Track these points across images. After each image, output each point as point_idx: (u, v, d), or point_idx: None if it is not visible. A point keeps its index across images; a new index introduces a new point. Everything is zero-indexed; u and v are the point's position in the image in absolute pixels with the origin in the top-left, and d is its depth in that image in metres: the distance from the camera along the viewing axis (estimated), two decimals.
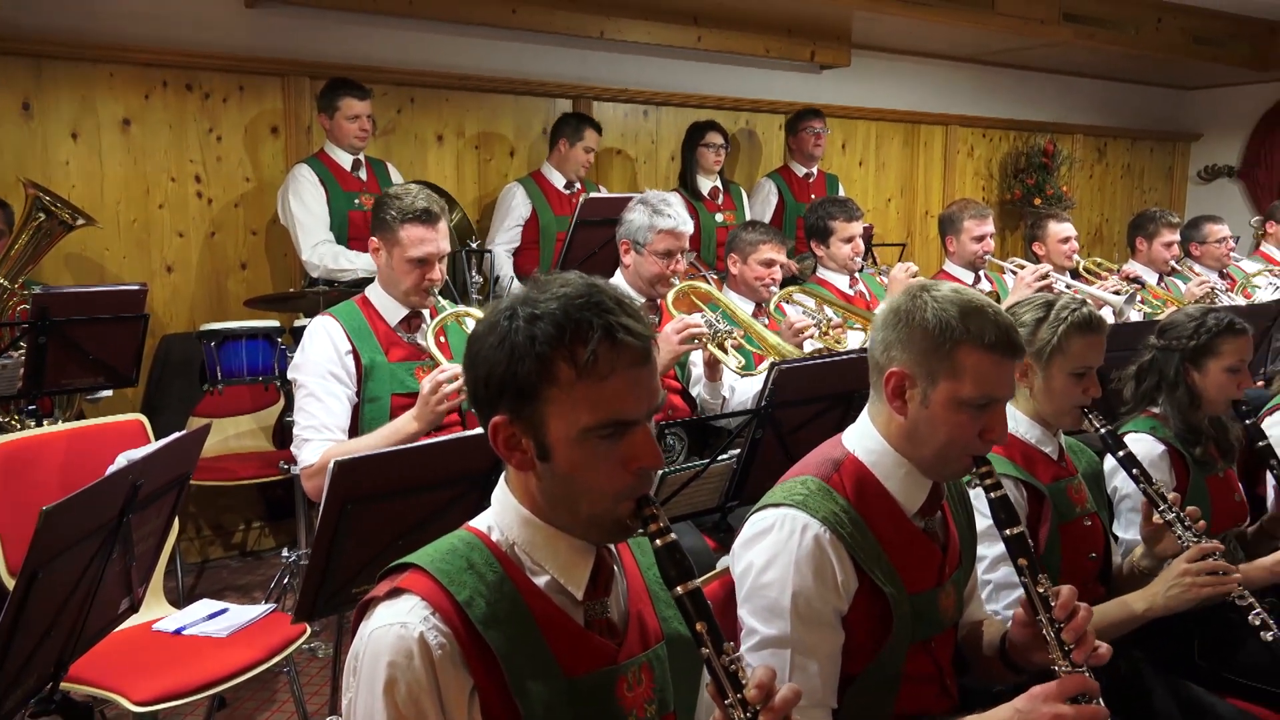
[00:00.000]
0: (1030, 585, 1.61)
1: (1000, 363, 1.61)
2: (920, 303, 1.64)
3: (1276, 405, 2.94)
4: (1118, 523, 2.51)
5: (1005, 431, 1.66)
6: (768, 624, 1.61)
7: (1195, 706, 2.19)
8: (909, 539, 1.69)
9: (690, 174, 5.47)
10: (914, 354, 1.63)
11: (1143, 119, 8.59)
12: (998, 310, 1.64)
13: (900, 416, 1.67)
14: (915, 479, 1.69)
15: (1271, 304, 3.94)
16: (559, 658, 1.28)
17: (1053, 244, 4.89)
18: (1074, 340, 2.18)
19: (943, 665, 1.77)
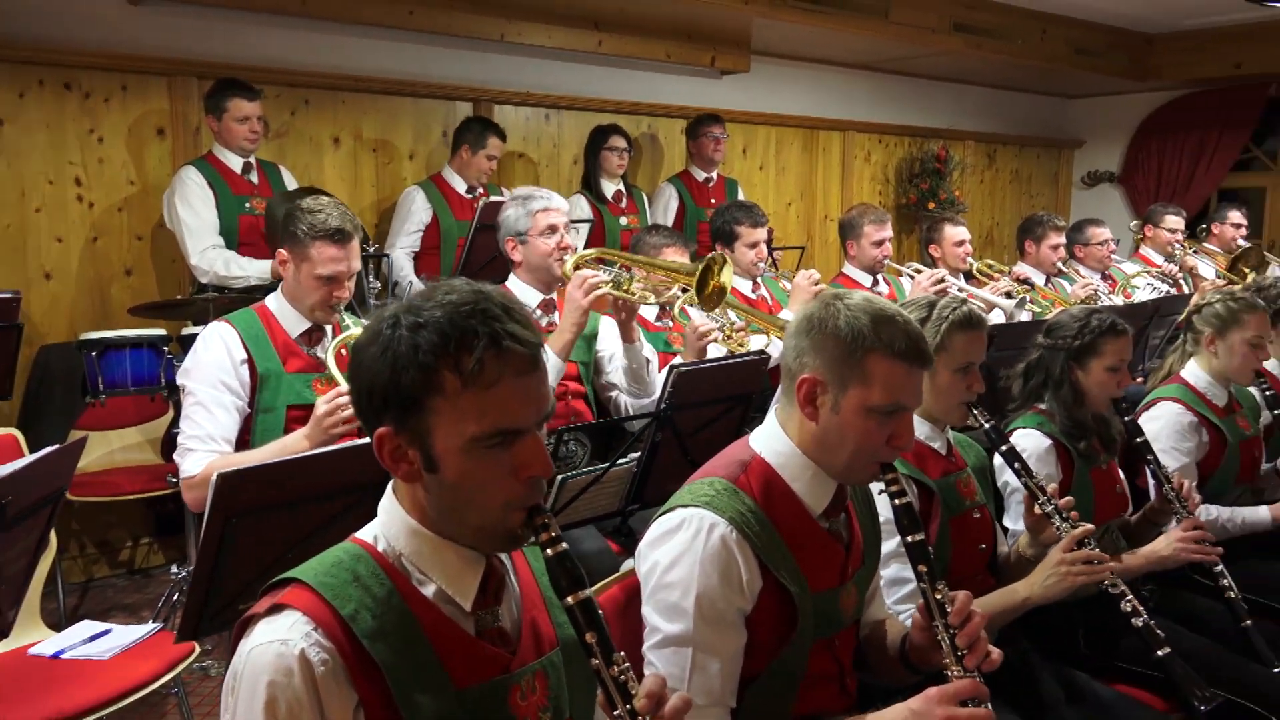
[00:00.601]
0: (928, 591, 1.64)
1: (910, 371, 1.64)
2: (833, 311, 1.66)
3: (1151, 401, 3.07)
4: (1007, 515, 2.58)
5: (913, 439, 1.69)
6: (670, 622, 1.61)
7: (1080, 692, 2.27)
8: (814, 539, 1.71)
9: (593, 177, 5.46)
10: (826, 361, 1.65)
11: (1030, 126, 8.91)
12: (908, 320, 1.67)
13: (811, 422, 1.69)
14: (821, 480, 1.71)
15: (1149, 304, 4.11)
16: (449, 669, 1.25)
17: (948, 247, 5.03)
18: (956, 337, 2.24)
19: (844, 664, 1.80)
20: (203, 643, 2.55)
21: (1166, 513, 2.62)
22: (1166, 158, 8.69)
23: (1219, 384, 3.09)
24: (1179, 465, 2.91)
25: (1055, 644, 2.46)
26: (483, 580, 1.32)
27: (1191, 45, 7.80)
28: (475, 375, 1.20)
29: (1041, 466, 2.55)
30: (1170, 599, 2.72)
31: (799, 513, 1.69)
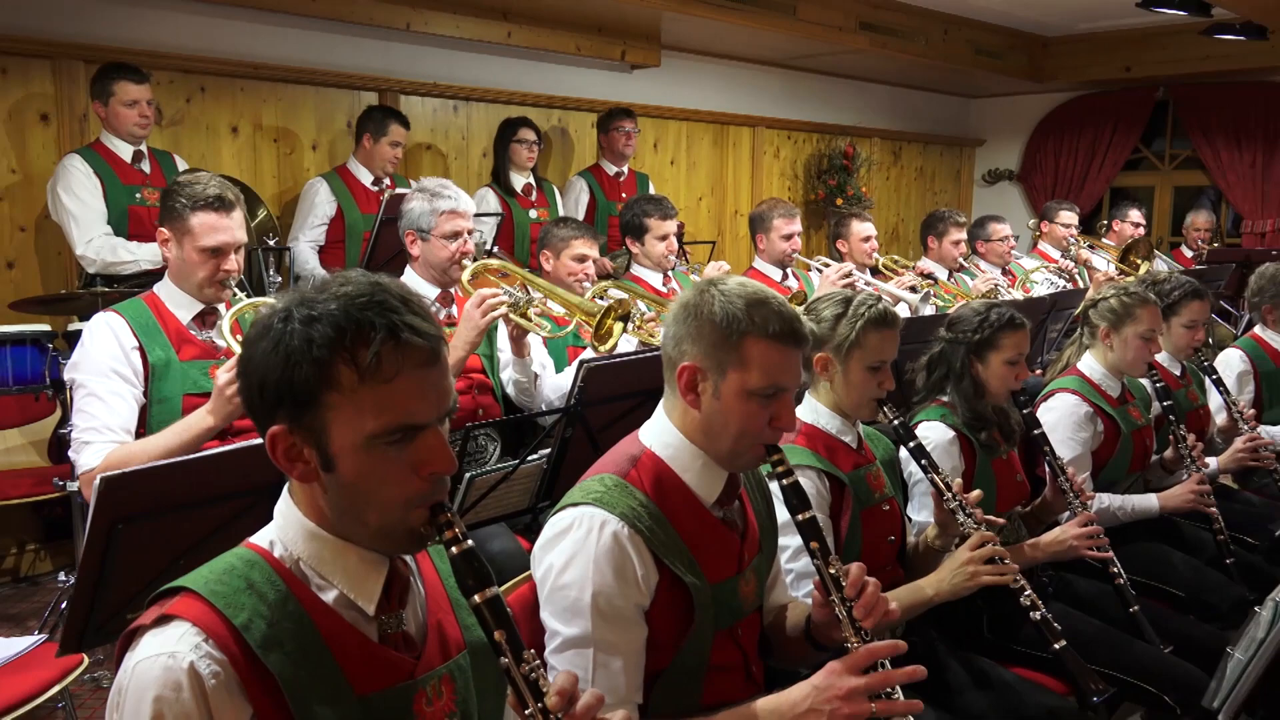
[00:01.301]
0: (822, 567, 1.66)
1: (785, 352, 1.65)
2: (708, 297, 1.67)
3: (1049, 393, 3.16)
4: (912, 505, 2.63)
5: (794, 419, 1.70)
6: (569, 624, 1.60)
7: (984, 677, 2.32)
8: (708, 529, 1.71)
9: (503, 170, 5.40)
10: (703, 347, 1.66)
11: (933, 125, 9.12)
12: (782, 302, 1.68)
13: (694, 410, 1.69)
14: (712, 470, 1.72)
15: (1047, 298, 4.24)
16: (349, 676, 1.21)
17: (855, 242, 5.11)
18: (870, 335, 2.26)
19: (748, 652, 1.80)
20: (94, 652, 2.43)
21: (1062, 503, 2.70)
22: (1062, 157, 9.00)
23: (1113, 376, 3.19)
24: (1075, 455, 3.00)
25: (960, 631, 2.52)
26: (386, 583, 1.28)
27: (1085, 48, 8.08)
28: (373, 369, 1.16)
29: (945, 458, 2.60)
30: (1066, 584, 2.81)
31: (691, 504, 1.69)
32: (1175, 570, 2.98)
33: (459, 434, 2.51)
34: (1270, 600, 1.90)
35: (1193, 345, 3.56)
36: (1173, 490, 3.09)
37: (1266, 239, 8.01)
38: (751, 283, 1.70)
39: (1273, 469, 3.47)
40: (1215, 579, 2.97)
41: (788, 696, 1.57)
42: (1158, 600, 2.90)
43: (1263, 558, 3.21)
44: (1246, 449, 3.39)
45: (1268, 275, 4.08)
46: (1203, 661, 2.45)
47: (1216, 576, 2.98)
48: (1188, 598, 2.90)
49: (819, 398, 2.35)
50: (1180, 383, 3.62)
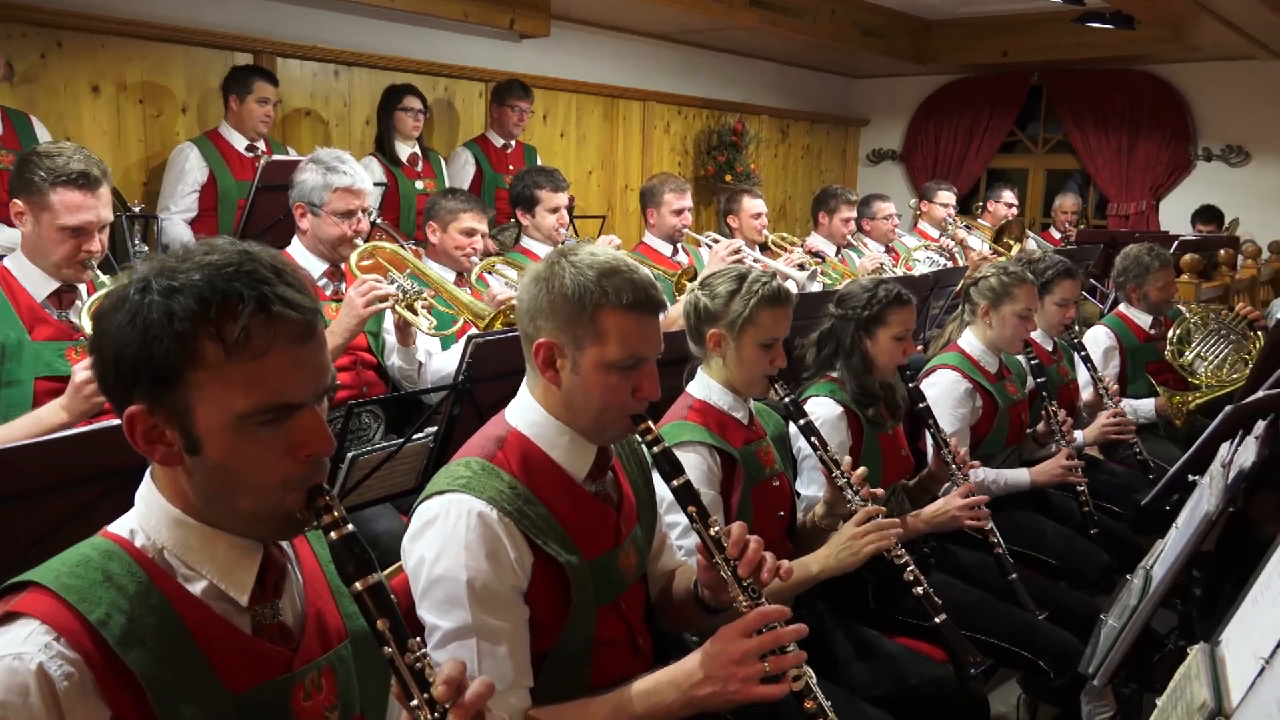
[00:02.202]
0: (702, 530, 1.64)
1: (642, 321, 1.63)
2: (559, 270, 1.63)
3: (931, 369, 3.24)
4: (801, 480, 2.65)
5: (657, 387, 1.67)
6: (448, 616, 1.55)
7: (869, 648, 2.37)
8: (581, 505, 1.69)
9: (387, 139, 5.23)
10: (559, 322, 1.62)
11: (820, 103, 9.25)
12: (634, 268, 1.65)
13: (555, 386, 1.66)
14: (580, 445, 1.69)
15: (929, 275, 4.33)
16: (221, 672, 1.14)
17: (745, 219, 5.14)
18: (764, 312, 2.26)
19: (634, 625, 1.79)
20: None
21: (944, 475, 2.76)
22: (942, 138, 9.25)
23: (991, 352, 3.29)
24: (956, 429, 3.08)
25: (846, 602, 2.56)
26: (260, 572, 1.20)
27: (965, 32, 8.31)
28: (241, 344, 1.08)
29: (833, 433, 2.63)
30: (949, 555, 2.89)
31: (562, 481, 1.67)
32: (1047, 539, 3.10)
33: (341, 411, 2.41)
34: (1141, 568, 1.98)
35: (1064, 322, 3.70)
36: (1043, 465, 3.21)
37: (1131, 221, 8.41)
38: (603, 251, 1.67)
39: (1134, 442, 3.64)
40: (1085, 547, 3.10)
41: (682, 667, 1.55)
42: (1032, 568, 3.01)
43: (1127, 526, 3.36)
44: (1111, 423, 3.55)
45: (1131, 256, 4.27)
46: (1076, 627, 2.55)
47: (1086, 544, 3.12)
48: (1060, 565, 3.02)
49: (711, 374, 2.34)
50: (1052, 358, 3.76)
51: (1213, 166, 8.25)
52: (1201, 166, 8.31)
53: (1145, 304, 4.25)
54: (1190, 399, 4.06)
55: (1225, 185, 8.10)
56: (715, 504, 2.21)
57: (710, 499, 2.19)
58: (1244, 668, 1.27)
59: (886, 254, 5.74)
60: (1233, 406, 2.79)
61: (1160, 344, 4.27)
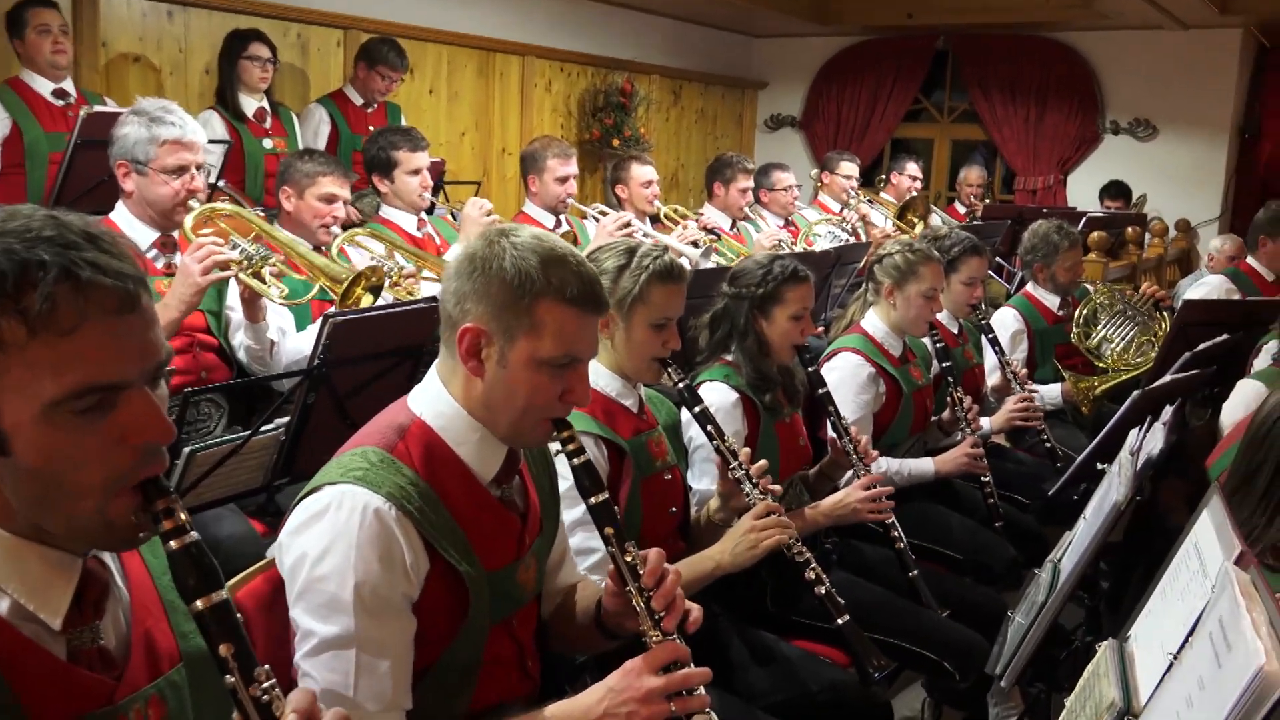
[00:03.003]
0: (617, 555, 1.64)
1: (583, 318, 1.62)
2: (498, 250, 1.60)
3: (833, 351, 3.30)
4: (692, 472, 2.67)
5: (588, 392, 1.68)
6: (328, 622, 1.51)
7: (767, 653, 2.41)
8: (485, 510, 1.67)
9: (230, 91, 5.04)
10: (491, 308, 1.59)
11: (715, 64, 9.32)
12: (581, 261, 1.64)
13: (476, 378, 1.63)
14: (490, 445, 1.67)
15: (831, 252, 4.42)
16: (29, 706, 1.07)
17: (635, 188, 5.14)
18: (655, 289, 2.26)
19: (524, 644, 1.78)
20: None
21: (845, 465, 2.82)
22: (844, 105, 9.45)
23: (895, 335, 3.37)
24: (858, 416, 3.15)
25: (743, 604, 2.60)
26: (79, 589, 1.14)
27: None
28: (45, 318, 1.01)
29: (728, 421, 2.66)
30: (851, 551, 2.96)
31: (467, 481, 1.65)
32: (952, 533, 3.20)
33: (176, 400, 2.32)
34: (1048, 562, 2.06)
35: (970, 303, 3.82)
36: (947, 454, 3.31)
37: (1039, 196, 8.76)
38: (549, 236, 1.65)
39: (1041, 428, 3.80)
40: (991, 541, 3.22)
41: (581, 701, 1.56)
42: (936, 564, 3.10)
43: (1034, 517, 3.50)
44: (1018, 409, 3.69)
45: (1040, 233, 4.44)
46: (982, 626, 2.64)
47: (992, 538, 3.23)
48: (965, 560, 3.13)
49: (598, 358, 2.33)
50: (958, 341, 3.89)
51: (1120, 140, 8.65)
52: (1109, 140, 8.70)
53: (1053, 284, 4.42)
54: (1096, 383, 4.25)
55: (1133, 160, 8.51)
56: None
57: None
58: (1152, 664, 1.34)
59: (785, 228, 5.83)
60: (1139, 392, 2.94)
61: (1068, 326, 4.46)
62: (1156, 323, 4.49)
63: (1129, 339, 4.48)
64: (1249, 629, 1.06)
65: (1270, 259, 5.01)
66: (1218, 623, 1.15)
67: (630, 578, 1.63)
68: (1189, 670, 1.20)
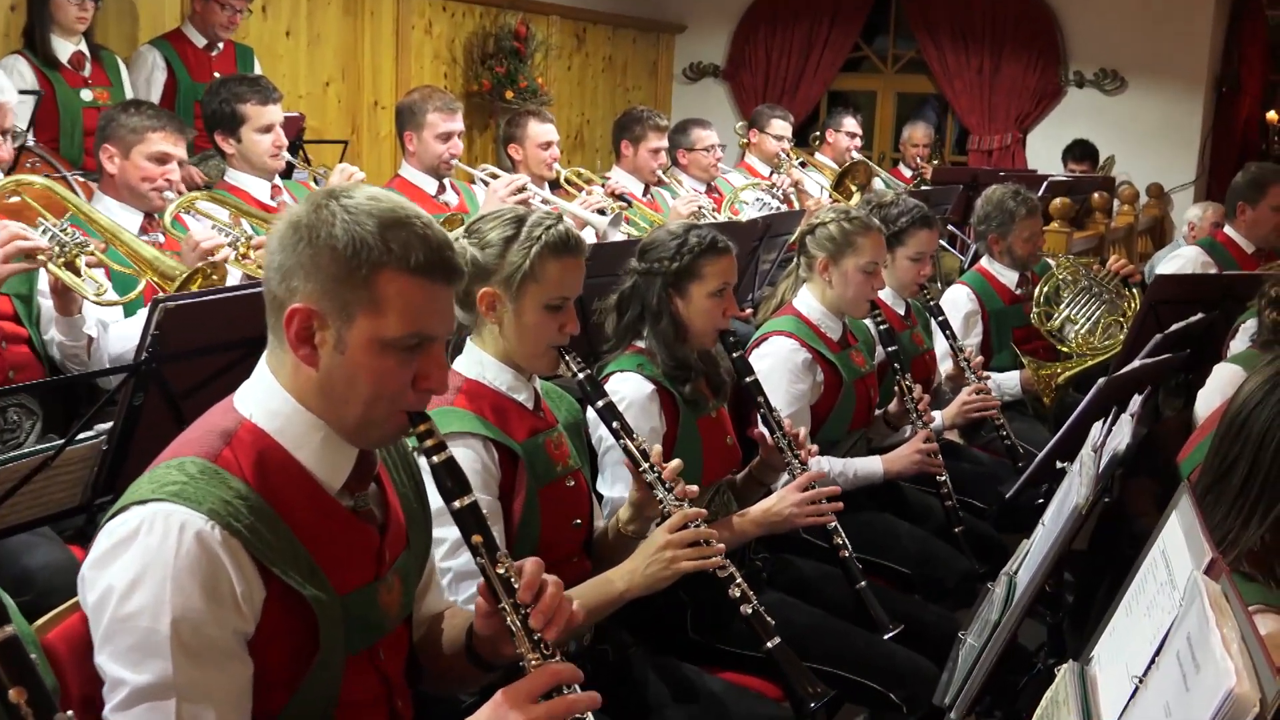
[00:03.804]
0: (488, 566, 1.64)
1: (433, 290, 1.61)
2: (326, 215, 1.58)
3: (763, 336, 3.32)
4: (602, 478, 2.68)
5: (446, 378, 1.68)
6: (140, 668, 1.48)
7: (687, 688, 2.43)
8: (334, 524, 1.66)
9: (40, 33, 4.89)
10: (321, 283, 1.58)
11: (626, 3, 9.31)
12: (429, 222, 1.63)
13: (309, 367, 1.61)
14: (336, 446, 1.66)
15: (758, 221, 4.44)
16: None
17: (531, 148, 5.12)
18: (549, 264, 2.25)
19: (392, 679, 1.77)
20: None
21: (778, 466, 2.84)
22: (775, 52, 9.52)
23: (833, 316, 3.41)
24: (793, 409, 3.17)
25: (659, 632, 2.61)
26: None
27: None
28: None
29: (643, 418, 2.66)
30: (785, 566, 2.99)
31: (310, 491, 1.64)
32: (900, 543, 3.25)
33: None
34: (1003, 575, 2.10)
35: (919, 281, 3.87)
36: (897, 451, 3.37)
37: (994, 157, 8.94)
38: (387, 195, 1.64)
39: (999, 422, 3.87)
40: (944, 551, 3.27)
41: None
42: (883, 579, 3.15)
43: (991, 524, 3.57)
44: (973, 401, 3.75)
45: (994, 200, 4.53)
46: (933, 649, 2.68)
47: (944, 549, 3.29)
48: (914, 575, 3.18)
49: (484, 345, 2.32)
50: (905, 324, 3.95)
51: (1085, 94, 8.87)
52: (1073, 94, 8.91)
53: (1010, 258, 4.51)
54: (1059, 370, 4.35)
55: (1099, 117, 8.72)
56: (494, 513, 2.20)
57: (487, 506, 2.17)
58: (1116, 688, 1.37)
59: (706, 194, 5.85)
60: (1104, 380, 3.02)
61: (1027, 306, 4.55)
62: (1126, 301, 4.61)
63: (1095, 320, 4.60)
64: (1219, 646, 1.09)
65: (1250, 228, 5.12)
66: (1185, 640, 1.18)
67: (504, 592, 1.63)
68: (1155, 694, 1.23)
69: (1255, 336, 3.31)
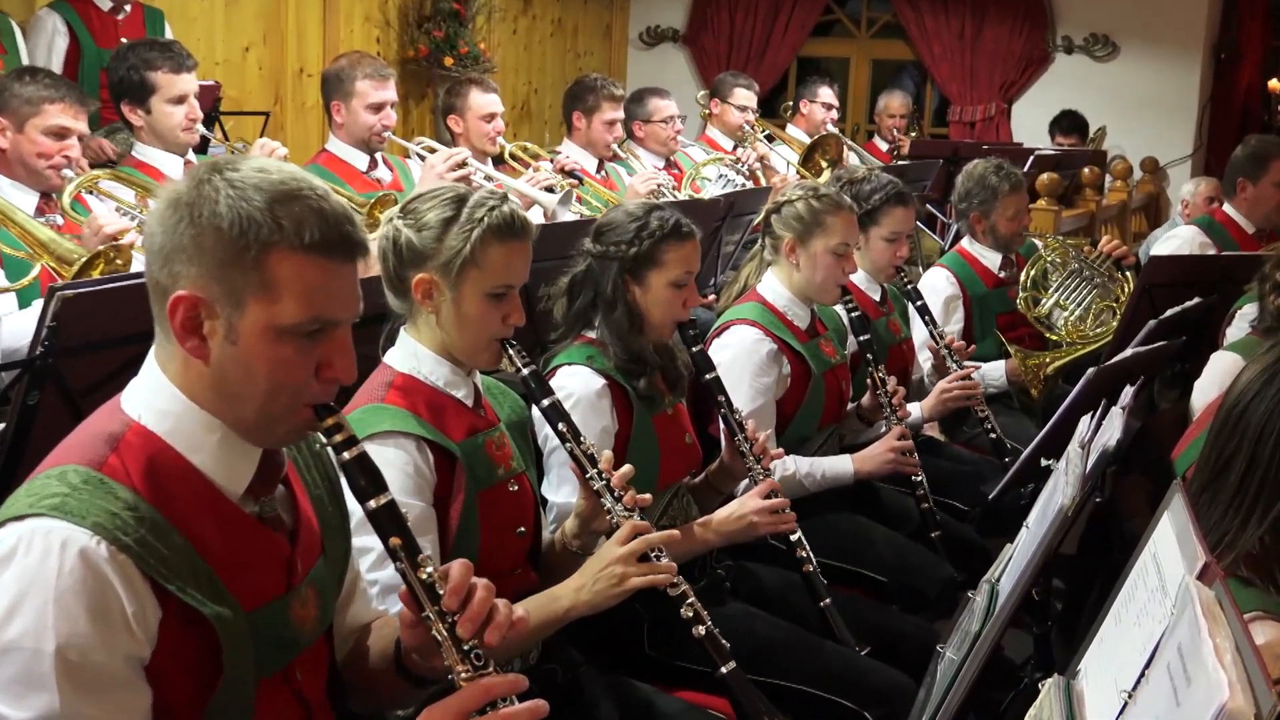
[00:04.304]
0: (408, 571, 1.64)
1: (331, 269, 1.59)
2: (209, 191, 1.56)
3: (725, 325, 3.33)
4: (548, 482, 2.68)
5: (352, 365, 1.66)
6: (23, 703, 1.47)
7: (642, 710, 2.43)
8: (237, 533, 1.64)
9: None
10: (207, 267, 1.56)
11: None
12: (324, 194, 1.61)
13: (199, 360, 1.60)
14: (235, 447, 1.64)
15: (721, 200, 4.45)
16: None
17: (473, 120, 5.09)
18: (492, 248, 2.24)
19: (311, 701, 1.77)
20: None
21: (739, 469, 2.85)
22: (739, 14, 9.54)
23: (801, 302, 3.41)
24: (757, 406, 3.18)
25: (612, 649, 2.60)
26: None
27: None
28: None
29: (593, 415, 2.66)
30: (746, 574, 2.99)
31: (208, 498, 1.62)
32: (875, 549, 3.27)
33: None
34: (984, 583, 2.11)
35: (894, 263, 3.89)
36: (869, 450, 3.38)
37: (977, 129, 9.01)
38: (278, 166, 1.62)
39: (984, 415, 3.89)
40: (923, 558, 3.30)
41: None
42: (857, 588, 3.16)
43: (973, 527, 3.60)
44: (953, 392, 3.77)
45: (975, 175, 4.56)
46: (910, 663, 2.70)
47: (922, 554, 3.31)
48: (890, 584, 3.19)
49: (419, 337, 2.32)
50: (880, 310, 3.96)
51: (1075, 61, 8.95)
52: (1061, 60, 8.99)
53: (993, 238, 4.54)
54: (1048, 359, 4.39)
55: (1089, 85, 8.80)
56: (427, 520, 2.20)
57: (420, 513, 2.17)
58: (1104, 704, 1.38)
59: (665, 170, 5.85)
60: (1094, 370, 3.04)
61: (1012, 290, 4.58)
62: (1119, 285, 4.65)
63: (1086, 305, 4.64)
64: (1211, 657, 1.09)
65: (1251, 206, 5.15)
66: (1176, 651, 1.19)
67: (427, 599, 1.63)
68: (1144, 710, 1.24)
69: (1255, 322, 3.34)
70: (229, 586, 1.60)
